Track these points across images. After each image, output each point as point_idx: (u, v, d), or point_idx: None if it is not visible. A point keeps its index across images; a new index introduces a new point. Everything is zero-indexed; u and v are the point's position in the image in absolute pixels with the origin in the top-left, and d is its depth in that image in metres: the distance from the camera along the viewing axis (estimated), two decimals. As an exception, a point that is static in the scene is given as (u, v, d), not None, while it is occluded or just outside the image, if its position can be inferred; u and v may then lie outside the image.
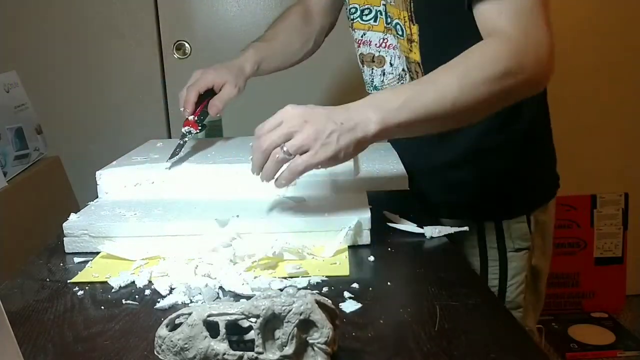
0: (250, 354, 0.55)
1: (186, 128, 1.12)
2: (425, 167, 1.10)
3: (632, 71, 2.36)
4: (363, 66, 1.15)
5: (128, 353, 0.61)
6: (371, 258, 0.83)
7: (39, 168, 1.50)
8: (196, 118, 1.12)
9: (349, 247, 0.86)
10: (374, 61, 1.12)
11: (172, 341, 0.55)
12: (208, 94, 1.14)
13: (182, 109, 1.12)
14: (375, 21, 1.09)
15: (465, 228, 0.93)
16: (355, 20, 1.13)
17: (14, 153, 1.41)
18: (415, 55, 1.02)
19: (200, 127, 1.12)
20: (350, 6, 1.12)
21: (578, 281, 2.47)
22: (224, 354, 0.55)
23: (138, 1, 2.15)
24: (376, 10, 1.08)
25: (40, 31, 2.14)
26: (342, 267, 0.80)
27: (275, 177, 0.82)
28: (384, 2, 1.06)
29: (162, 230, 0.87)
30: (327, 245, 0.85)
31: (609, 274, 2.47)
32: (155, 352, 0.57)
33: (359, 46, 1.14)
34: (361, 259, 0.83)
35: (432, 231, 0.90)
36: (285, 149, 0.78)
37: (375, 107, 0.80)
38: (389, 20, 1.06)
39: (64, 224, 0.88)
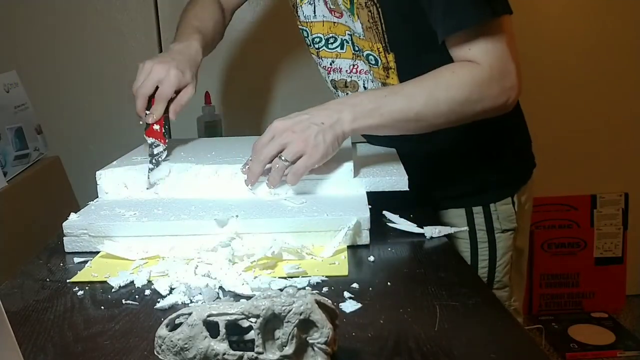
0: (250, 354, 0.55)
1: (151, 139, 1.05)
2: (410, 160, 1.10)
3: (632, 71, 2.36)
4: (337, 91, 1.18)
5: (128, 353, 0.61)
6: (371, 258, 0.83)
7: (39, 168, 1.50)
8: (162, 129, 1.05)
9: (349, 247, 0.86)
10: (347, 86, 1.15)
11: (172, 341, 0.55)
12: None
13: (141, 118, 1.06)
14: (342, 49, 1.11)
15: (465, 228, 0.94)
16: (320, 49, 1.14)
17: (14, 153, 1.41)
18: (393, 81, 1.07)
19: (166, 138, 1.06)
20: (314, 36, 1.13)
21: (578, 281, 2.47)
22: (224, 354, 0.55)
23: (138, 1, 2.15)
24: (342, 39, 1.09)
25: (40, 31, 2.14)
26: (341, 267, 0.80)
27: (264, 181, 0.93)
28: (350, 33, 1.07)
29: (161, 230, 0.87)
30: (326, 245, 0.85)
31: (609, 274, 2.47)
32: (155, 352, 0.57)
33: (329, 73, 1.16)
34: (361, 259, 0.83)
35: (432, 231, 0.90)
36: (283, 158, 0.91)
37: (349, 107, 0.93)
38: (356, 48, 1.08)
39: (64, 224, 0.88)
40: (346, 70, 1.13)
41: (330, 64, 1.14)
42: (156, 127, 1.05)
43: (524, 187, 1.19)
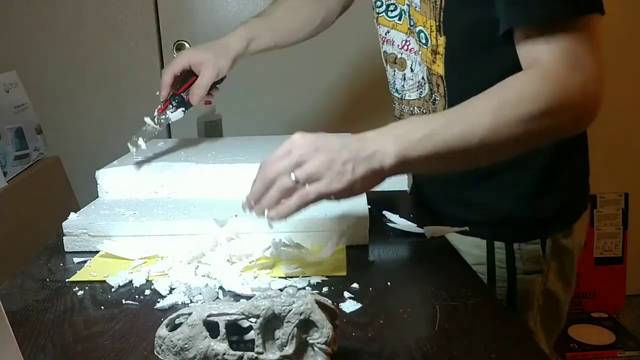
0: (250, 354, 0.55)
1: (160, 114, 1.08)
2: (436, 182, 1.03)
3: (632, 71, 2.36)
4: (386, 65, 1.06)
5: (128, 353, 0.61)
6: (371, 258, 0.83)
7: (39, 168, 1.50)
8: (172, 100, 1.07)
9: (348, 247, 0.86)
10: (396, 62, 1.03)
11: (172, 341, 0.55)
12: (190, 76, 1.08)
13: (157, 93, 1.07)
14: (399, 20, 0.99)
15: (465, 228, 0.93)
16: (380, 15, 1.03)
17: (14, 153, 1.41)
18: (439, 68, 0.93)
19: (174, 105, 1.07)
20: None
21: (578, 281, 2.46)
22: (224, 354, 0.55)
23: (138, 1, 2.15)
24: (401, 8, 0.98)
25: (40, 31, 2.14)
26: (339, 267, 0.80)
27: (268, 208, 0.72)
28: (408, 3, 0.96)
29: (161, 230, 0.87)
30: (325, 245, 0.85)
31: (609, 274, 2.47)
32: (155, 352, 0.57)
33: (382, 43, 1.05)
34: (361, 259, 0.83)
35: (432, 231, 0.90)
36: (294, 177, 0.70)
37: (395, 136, 0.73)
38: (412, 22, 0.96)
39: (64, 223, 0.88)
40: (398, 45, 1.00)
41: (385, 34, 1.02)
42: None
43: (568, 230, 0.99)
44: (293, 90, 2.16)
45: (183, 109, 1.07)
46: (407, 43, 0.98)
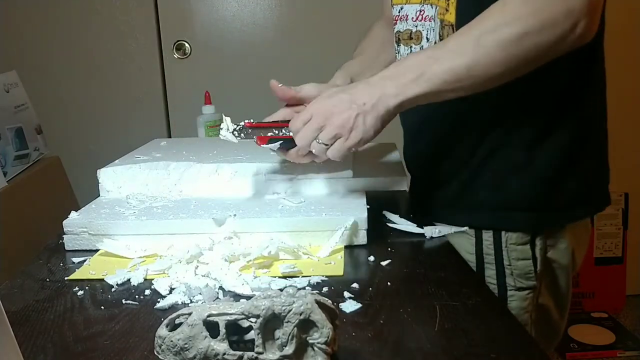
0: (250, 354, 0.55)
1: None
2: (427, 176, 1.02)
3: (632, 71, 2.36)
4: (399, 46, 1.04)
5: (128, 353, 0.61)
6: (371, 258, 0.83)
7: (39, 168, 1.50)
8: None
9: (348, 247, 0.86)
10: (411, 38, 1.01)
11: (172, 341, 0.55)
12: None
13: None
14: None
15: (465, 228, 0.93)
16: None
17: (14, 153, 1.41)
18: (451, 16, 0.92)
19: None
20: None
21: (578, 281, 2.47)
22: (224, 354, 0.55)
23: (138, 1, 2.15)
24: None
25: (40, 31, 2.14)
26: (336, 267, 0.80)
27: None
28: None
29: (160, 229, 0.87)
30: (323, 245, 0.85)
31: (609, 274, 2.47)
32: (155, 352, 0.57)
33: (395, 23, 1.03)
34: (361, 259, 0.83)
35: (432, 231, 0.90)
36: (320, 141, 0.84)
37: (391, 80, 0.82)
38: None
39: (64, 222, 0.89)
40: (412, 18, 0.99)
41: (399, 12, 1.01)
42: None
43: (554, 239, 0.95)
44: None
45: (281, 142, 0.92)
46: (422, 12, 0.98)
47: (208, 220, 0.87)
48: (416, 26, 0.99)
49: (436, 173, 1.00)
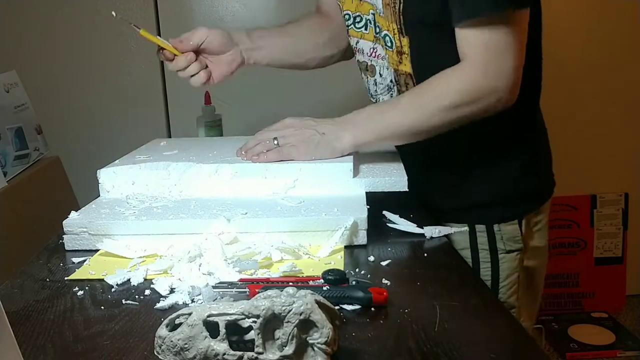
0: (250, 354, 0.55)
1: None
2: (419, 170, 1.09)
3: (632, 70, 2.36)
4: (361, 73, 1.17)
5: (128, 353, 0.61)
6: (371, 258, 0.83)
7: (39, 168, 1.50)
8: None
9: (347, 247, 0.86)
10: (367, 70, 1.13)
11: (172, 341, 0.55)
12: None
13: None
14: (366, 29, 1.09)
15: (465, 228, 0.94)
16: (349, 27, 1.13)
17: (14, 153, 1.41)
18: (406, 67, 1.04)
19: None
20: (344, 12, 1.12)
21: (578, 281, 2.47)
22: (224, 354, 0.55)
23: (138, 1, 2.15)
24: (366, 18, 1.08)
25: (40, 31, 2.14)
26: (336, 267, 0.80)
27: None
28: (373, 12, 1.05)
29: (160, 229, 0.87)
30: (323, 245, 0.85)
31: (609, 274, 2.47)
32: (155, 352, 0.57)
33: (355, 53, 1.15)
34: (361, 259, 0.83)
35: (432, 231, 0.90)
36: (275, 140, 1.01)
37: (352, 127, 1.00)
38: (377, 30, 1.06)
39: (64, 222, 0.89)
40: (367, 53, 1.11)
41: (356, 44, 1.12)
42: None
43: (536, 211, 1.12)
44: (293, 90, 2.16)
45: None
46: (375, 50, 1.09)
47: (208, 221, 0.87)
48: (370, 60, 1.11)
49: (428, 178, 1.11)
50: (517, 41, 0.91)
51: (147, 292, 0.75)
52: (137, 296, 0.74)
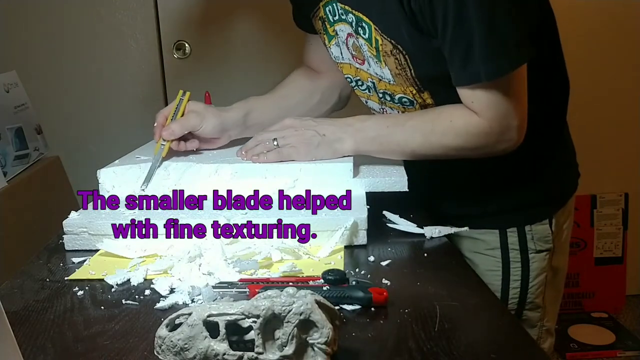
0: (250, 354, 0.55)
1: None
2: (441, 182, 1.10)
3: (632, 71, 2.36)
4: (367, 101, 1.15)
5: (128, 353, 0.61)
6: (371, 258, 0.83)
7: (39, 168, 1.50)
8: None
9: (347, 247, 0.86)
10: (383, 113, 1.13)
11: (172, 341, 0.55)
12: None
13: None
14: (370, 92, 1.08)
15: (465, 228, 0.93)
16: (355, 89, 1.13)
17: (14, 153, 1.41)
18: (432, 105, 1.03)
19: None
20: (346, 75, 1.11)
21: (578, 281, 2.47)
22: (224, 354, 0.55)
23: (138, 1, 2.15)
24: (367, 84, 1.07)
25: (40, 31, 2.14)
26: (336, 267, 0.80)
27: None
28: (372, 80, 1.04)
29: (160, 229, 0.87)
30: (323, 245, 0.85)
31: (609, 274, 2.47)
32: (155, 352, 0.57)
33: (366, 102, 1.14)
34: (361, 259, 0.83)
35: (432, 231, 0.90)
36: (275, 141, 1.01)
37: (354, 131, 0.99)
38: (381, 95, 1.06)
39: (64, 222, 0.89)
40: (377, 111, 1.11)
41: (365, 102, 1.13)
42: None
43: (564, 207, 1.12)
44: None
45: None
46: (384, 110, 1.10)
47: (208, 221, 0.87)
48: (383, 111, 1.10)
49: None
50: (519, 95, 0.91)
51: (147, 292, 0.75)
52: (137, 296, 0.74)
